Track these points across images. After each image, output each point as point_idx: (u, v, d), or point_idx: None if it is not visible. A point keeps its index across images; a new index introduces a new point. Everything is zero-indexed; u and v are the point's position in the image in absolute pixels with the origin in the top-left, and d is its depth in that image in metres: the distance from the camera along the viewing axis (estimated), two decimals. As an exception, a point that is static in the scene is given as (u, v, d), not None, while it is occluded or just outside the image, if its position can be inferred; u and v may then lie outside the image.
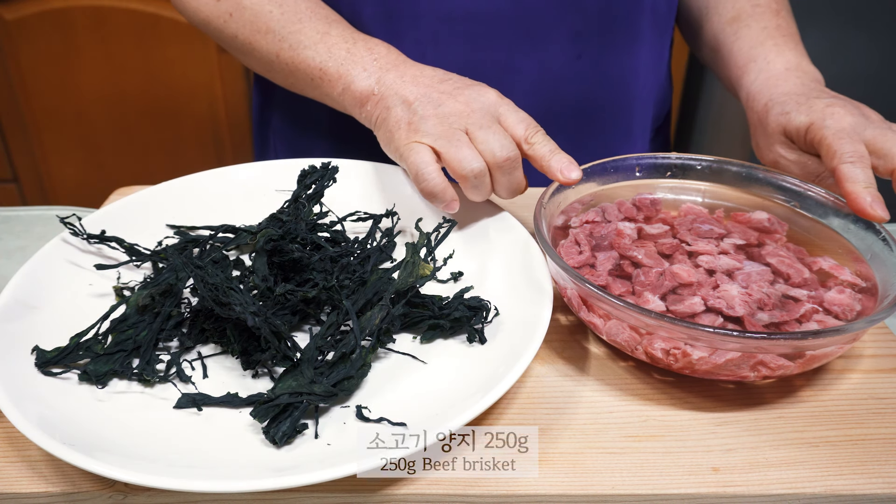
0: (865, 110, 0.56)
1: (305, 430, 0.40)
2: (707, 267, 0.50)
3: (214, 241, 0.55)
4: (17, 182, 1.70)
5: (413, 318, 0.48)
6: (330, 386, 0.42)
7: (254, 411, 0.40)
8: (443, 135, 0.52)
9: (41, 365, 0.43)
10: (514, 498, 0.39)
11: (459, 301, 0.48)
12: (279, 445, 0.39)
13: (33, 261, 0.50)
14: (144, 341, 0.46)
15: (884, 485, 0.40)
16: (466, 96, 0.54)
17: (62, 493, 0.39)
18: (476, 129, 0.52)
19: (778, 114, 0.58)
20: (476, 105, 0.54)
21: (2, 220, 0.73)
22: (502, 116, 0.54)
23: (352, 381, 0.43)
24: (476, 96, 0.54)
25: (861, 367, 0.48)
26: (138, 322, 0.47)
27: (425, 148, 0.53)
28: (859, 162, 0.50)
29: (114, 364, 0.44)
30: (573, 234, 0.53)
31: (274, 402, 0.40)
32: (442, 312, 0.47)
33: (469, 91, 0.54)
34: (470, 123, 0.53)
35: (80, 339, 0.45)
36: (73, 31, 1.51)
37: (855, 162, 0.50)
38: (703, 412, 0.44)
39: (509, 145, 0.52)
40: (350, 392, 0.43)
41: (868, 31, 1.44)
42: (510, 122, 0.53)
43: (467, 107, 0.53)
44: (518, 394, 0.45)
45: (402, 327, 0.48)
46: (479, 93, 0.54)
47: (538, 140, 0.52)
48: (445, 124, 0.53)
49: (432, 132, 0.53)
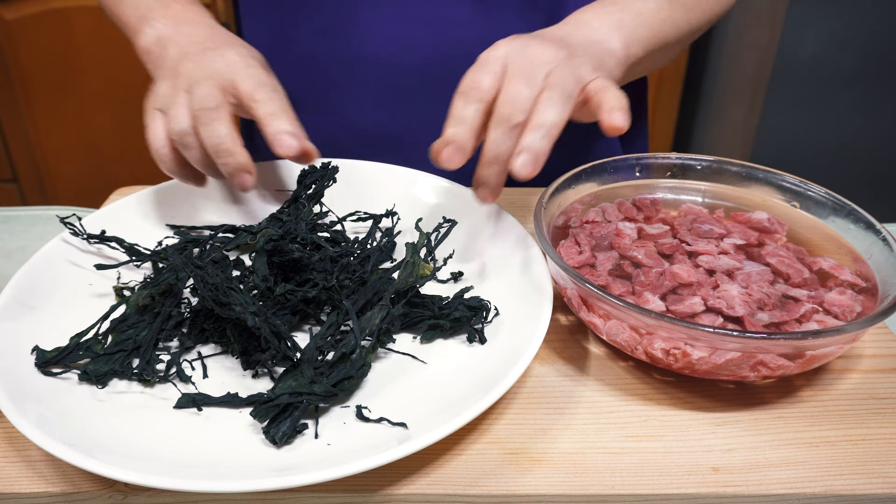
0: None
1: (305, 430, 0.40)
2: (707, 267, 0.50)
3: (214, 242, 0.55)
4: (17, 182, 1.70)
5: (413, 318, 0.48)
6: (330, 386, 0.42)
7: (254, 411, 0.40)
8: (168, 97, 0.51)
9: (41, 365, 0.43)
10: (514, 498, 0.39)
11: (459, 301, 0.48)
12: (279, 445, 0.39)
13: (33, 261, 0.50)
14: (144, 341, 0.46)
15: (884, 485, 0.40)
16: (207, 58, 0.52)
17: (62, 493, 0.39)
18: (193, 88, 0.49)
19: None
20: (210, 68, 0.51)
21: (2, 220, 0.73)
22: (235, 76, 0.51)
23: (352, 381, 0.43)
24: (215, 58, 0.51)
25: (861, 367, 0.48)
26: (138, 322, 0.47)
27: (157, 115, 0.51)
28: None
29: (114, 364, 0.44)
30: (573, 234, 0.53)
31: (274, 402, 0.40)
32: (442, 312, 0.47)
33: (211, 53, 0.52)
34: (193, 83, 0.50)
35: (80, 339, 0.45)
36: (73, 31, 1.51)
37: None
38: (703, 412, 0.44)
39: (210, 97, 0.49)
40: (350, 392, 0.43)
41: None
42: (237, 78, 0.50)
43: (201, 70, 0.51)
44: (518, 394, 0.45)
45: (402, 327, 0.48)
46: (220, 54, 0.52)
47: (262, 97, 0.49)
48: (173, 87, 0.51)
49: (161, 94, 0.51)
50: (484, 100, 0.46)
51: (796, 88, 1.50)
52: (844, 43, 1.44)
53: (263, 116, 0.49)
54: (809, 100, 1.51)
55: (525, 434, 0.42)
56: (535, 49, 0.47)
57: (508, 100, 0.45)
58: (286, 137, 0.48)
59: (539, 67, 0.46)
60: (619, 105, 0.46)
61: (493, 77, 0.46)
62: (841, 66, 1.47)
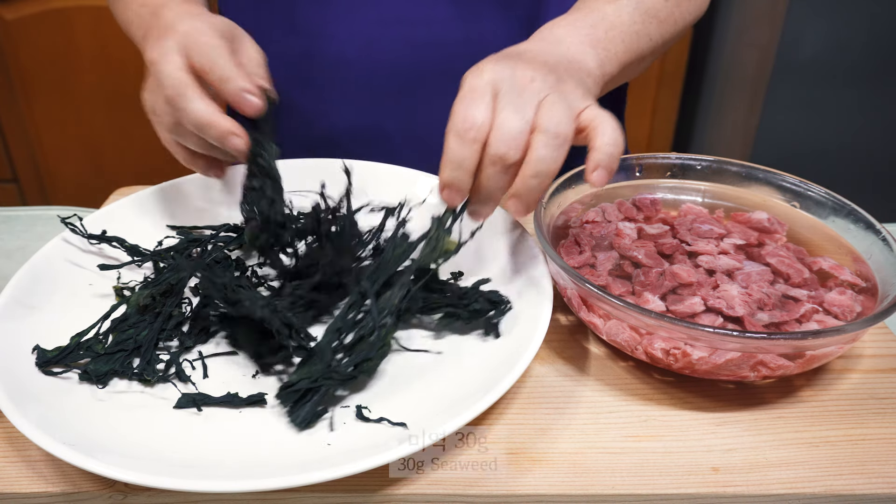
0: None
1: (325, 416, 0.41)
2: (707, 267, 0.50)
3: (216, 241, 0.55)
4: (17, 182, 1.70)
5: (431, 303, 0.47)
6: (349, 369, 0.42)
7: (279, 394, 0.41)
8: (150, 99, 0.52)
9: (42, 364, 0.43)
10: (514, 498, 0.39)
11: (479, 293, 0.47)
12: (301, 429, 0.40)
13: (33, 261, 0.50)
14: (145, 341, 0.46)
15: (884, 485, 0.40)
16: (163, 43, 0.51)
17: (62, 493, 0.39)
18: (160, 79, 0.50)
19: None
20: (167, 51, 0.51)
21: (2, 220, 0.73)
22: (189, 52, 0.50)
23: (371, 362, 0.43)
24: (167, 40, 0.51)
25: (861, 367, 0.48)
26: (139, 322, 0.47)
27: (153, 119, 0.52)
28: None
29: (114, 364, 0.44)
30: (573, 234, 0.53)
31: (294, 387, 0.41)
32: (461, 302, 0.47)
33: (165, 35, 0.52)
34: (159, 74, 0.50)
35: (81, 339, 0.45)
36: (73, 31, 1.51)
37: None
38: (703, 412, 0.44)
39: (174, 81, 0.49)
40: (370, 373, 0.43)
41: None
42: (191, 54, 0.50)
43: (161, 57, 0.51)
44: (518, 394, 0.45)
45: (420, 311, 0.48)
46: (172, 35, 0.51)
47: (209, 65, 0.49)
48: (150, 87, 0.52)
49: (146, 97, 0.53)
50: (479, 139, 0.45)
51: (796, 88, 1.49)
52: (844, 43, 1.44)
53: (217, 84, 0.49)
54: (809, 100, 1.51)
55: (525, 434, 0.42)
56: (524, 74, 0.46)
57: (502, 137, 0.44)
58: (246, 96, 0.48)
59: (530, 96, 0.45)
60: (607, 153, 0.45)
61: (486, 109, 0.45)
62: (841, 66, 1.47)
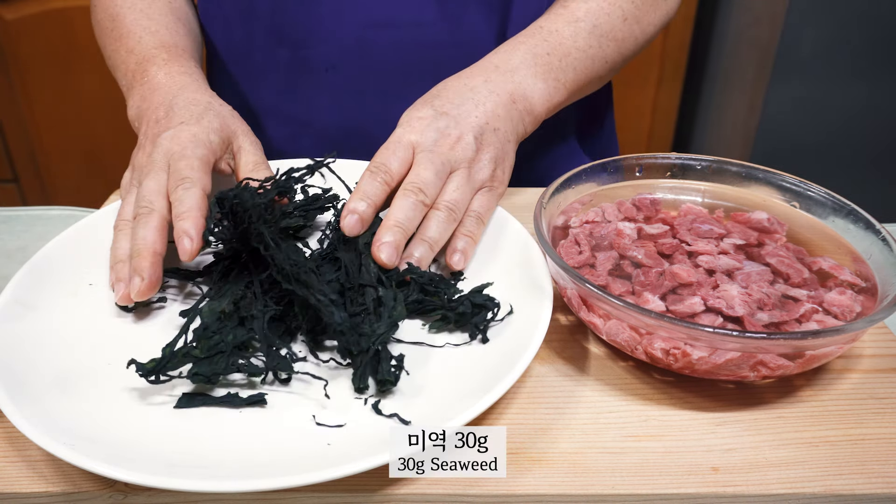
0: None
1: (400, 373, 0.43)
2: (707, 267, 0.50)
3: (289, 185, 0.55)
4: (17, 182, 1.70)
5: (426, 305, 0.48)
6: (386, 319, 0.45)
7: (354, 376, 0.43)
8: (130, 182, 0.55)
9: (146, 374, 0.42)
10: (514, 498, 0.39)
11: (464, 296, 0.48)
12: (385, 394, 0.42)
13: (33, 261, 0.50)
14: (262, 338, 0.45)
15: (884, 485, 0.40)
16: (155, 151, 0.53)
17: (62, 493, 0.39)
18: (143, 178, 0.52)
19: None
20: (157, 154, 0.53)
21: (2, 220, 0.73)
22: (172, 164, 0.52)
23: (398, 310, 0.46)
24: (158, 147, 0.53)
25: (861, 367, 0.48)
26: (221, 328, 0.46)
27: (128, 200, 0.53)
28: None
29: (216, 366, 0.43)
30: (573, 234, 0.53)
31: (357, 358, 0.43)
32: (450, 305, 0.48)
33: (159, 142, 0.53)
34: (145, 173, 0.52)
35: (173, 349, 0.44)
36: (73, 31, 1.51)
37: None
38: (703, 412, 0.44)
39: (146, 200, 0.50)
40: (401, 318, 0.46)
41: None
42: (173, 168, 0.51)
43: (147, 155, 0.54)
44: (518, 394, 0.45)
45: (415, 314, 0.49)
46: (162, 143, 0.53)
47: (177, 196, 0.49)
48: (134, 171, 0.55)
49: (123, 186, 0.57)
50: (389, 183, 0.52)
51: (796, 88, 1.50)
52: (844, 42, 1.44)
53: (173, 217, 0.49)
54: (809, 100, 1.51)
55: (525, 434, 0.42)
56: (445, 141, 0.54)
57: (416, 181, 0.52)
58: (184, 241, 0.48)
59: (444, 166, 0.53)
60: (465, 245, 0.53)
61: (402, 163, 0.53)
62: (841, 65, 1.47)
